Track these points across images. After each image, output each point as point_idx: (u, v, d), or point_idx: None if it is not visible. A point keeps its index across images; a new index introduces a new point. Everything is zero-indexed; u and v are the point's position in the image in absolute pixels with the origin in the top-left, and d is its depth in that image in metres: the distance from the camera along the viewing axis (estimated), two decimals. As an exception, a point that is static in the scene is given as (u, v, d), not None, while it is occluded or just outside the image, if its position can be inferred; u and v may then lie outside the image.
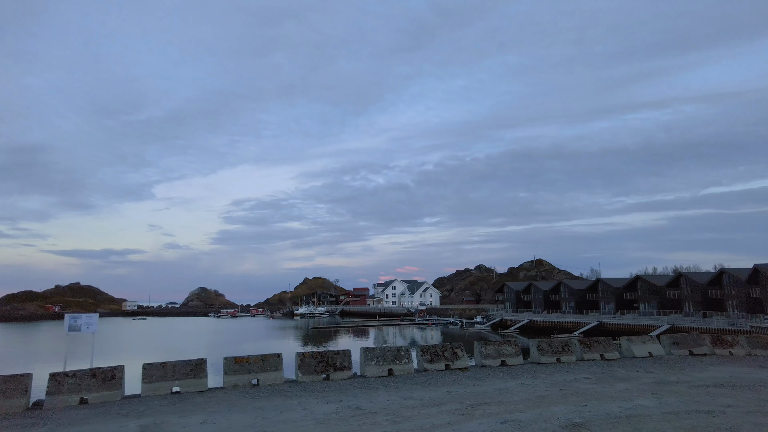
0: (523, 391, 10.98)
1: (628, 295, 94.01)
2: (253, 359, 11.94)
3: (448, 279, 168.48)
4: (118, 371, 10.78)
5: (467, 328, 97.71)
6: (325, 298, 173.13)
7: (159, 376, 10.99)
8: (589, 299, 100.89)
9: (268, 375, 11.86)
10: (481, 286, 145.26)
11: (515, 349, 14.88)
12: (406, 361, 13.33)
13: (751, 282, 70.49)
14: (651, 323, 73.85)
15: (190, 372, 11.25)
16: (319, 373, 12.31)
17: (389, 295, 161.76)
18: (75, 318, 12.76)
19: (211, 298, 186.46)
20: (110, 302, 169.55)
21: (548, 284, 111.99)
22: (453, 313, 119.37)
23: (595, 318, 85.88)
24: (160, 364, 11.17)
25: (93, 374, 10.55)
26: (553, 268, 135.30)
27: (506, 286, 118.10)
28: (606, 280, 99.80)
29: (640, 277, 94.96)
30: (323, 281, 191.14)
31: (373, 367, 12.92)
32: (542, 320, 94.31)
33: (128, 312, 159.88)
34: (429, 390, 11.11)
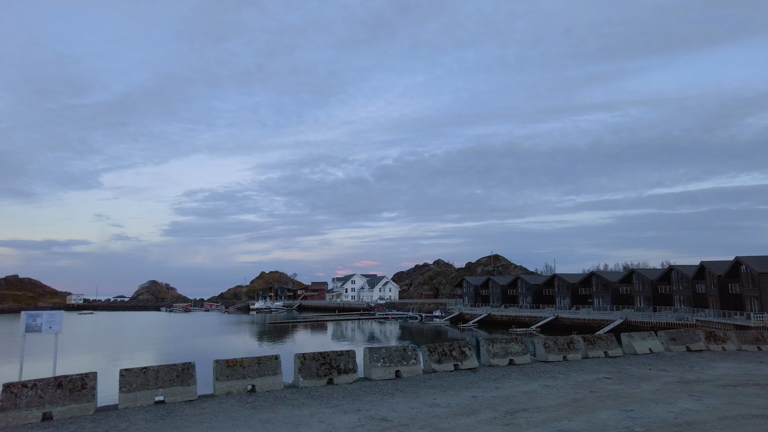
0: (552, 394, 10.08)
1: (583, 291, 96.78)
2: (247, 362, 10.45)
3: (407, 273, 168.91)
4: (89, 379, 9.05)
5: (426, 322, 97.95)
6: (283, 292, 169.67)
7: (139, 384, 9.33)
8: (546, 294, 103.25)
9: (265, 380, 10.41)
10: (439, 280, 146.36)
11: (522, 348, 14.05)
12: (414, 361, 12.20)
13: (697, 278, 73.79)
14: (605, 318, 76.15)
15: (176, 378, 9.64)
16: (322, 377, 10.98)
17: (348, 290, 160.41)
18: (34, 317, 10.73)
19: (162, 292, 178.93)
20: (53, 296, 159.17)
21: (506, 279, 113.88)
22: (412, 308, 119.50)
23: (552, 313, 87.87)
24: (140, 370, 9.50)
25: (58, 384, 8.77)
26: (510, 264, 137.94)
27: (465, 281, 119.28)
28: (562, 275, 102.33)
29: (594, 273, 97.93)
30: (280, 275, 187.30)
31: (380, 369, 11.71)
32: (500, 314, 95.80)
33: (73, 306, 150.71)
34: (451, 395, 10.02)
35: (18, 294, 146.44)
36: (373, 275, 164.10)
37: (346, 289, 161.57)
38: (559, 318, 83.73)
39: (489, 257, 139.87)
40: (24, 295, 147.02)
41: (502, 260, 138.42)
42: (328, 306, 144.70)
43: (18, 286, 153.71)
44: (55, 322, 10.92)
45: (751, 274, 60.57)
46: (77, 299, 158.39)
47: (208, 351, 49.86)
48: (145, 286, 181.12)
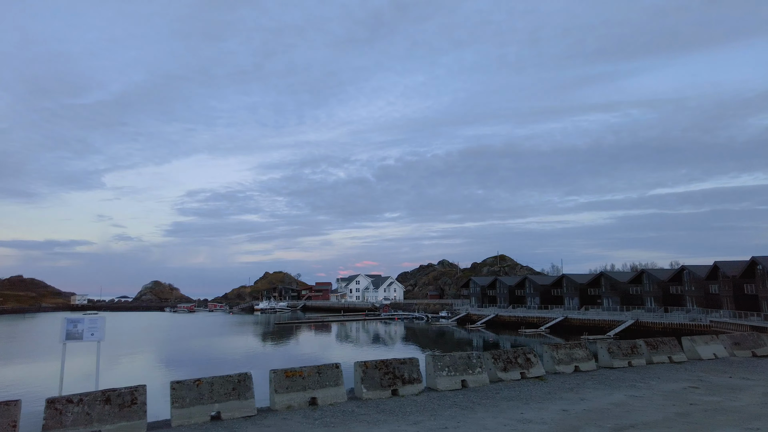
0: (647, 407, 9.05)
1: (592, 291, 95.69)
2: (307, 372, 9.43)
3: (411, 274, 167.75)
4: (139, 393, 8.03)
5: (433, 322, 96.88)
6: (287, 292, 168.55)
7: (193, 398, 8.30)
8: (554, 294, 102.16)
9: (327, 391, 9.39)
10: (444, 281, 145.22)
11: (587, 353, 13.01)
12: (479, 370, 11.18)
13: (709, 279, 72.71)
14: (615, 318, 75.15)
15: (231, 391, 8.62)
16: (386, 387, 9.95)
17: (353, 290, 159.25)
18: (74, 322, 9.63)
19: (165, 292, 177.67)
20: (56, 296, 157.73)
21: (513, 279, 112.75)
22: (418, 308, 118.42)
23: (561, 313, 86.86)
24: (193, 382, 8.46)
25: (106, 398, 7.76)
26: (516, 264, 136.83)
27: (471, 281, 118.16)
28: (570, 276, 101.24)
29: (603, 273, 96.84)
30: (284, 275, 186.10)
31: (445, 379, 10.68)
32: (508, 315, 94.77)
33: (77, 306, 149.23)
34: (537, 408, 8.98)
35: (20, 294, 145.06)
36: (378, 275, 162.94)
37: (350, 289, 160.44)
38: (568, 319, 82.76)
39: (495, 257, 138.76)
40: (26, 296, 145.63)
41: (508, 260, 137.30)
42: (332, 306, 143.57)
43: (21, 286, 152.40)
44: (97, 329, 9.86)
45: (767, 274, 59.54)
46: (81, 300, 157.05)
47: (229, 354, 48.81)
48: (148, 286, 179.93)
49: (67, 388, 15.33)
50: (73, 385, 28.71)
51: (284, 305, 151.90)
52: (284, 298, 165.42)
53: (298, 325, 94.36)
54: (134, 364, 42.14)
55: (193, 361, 44.00)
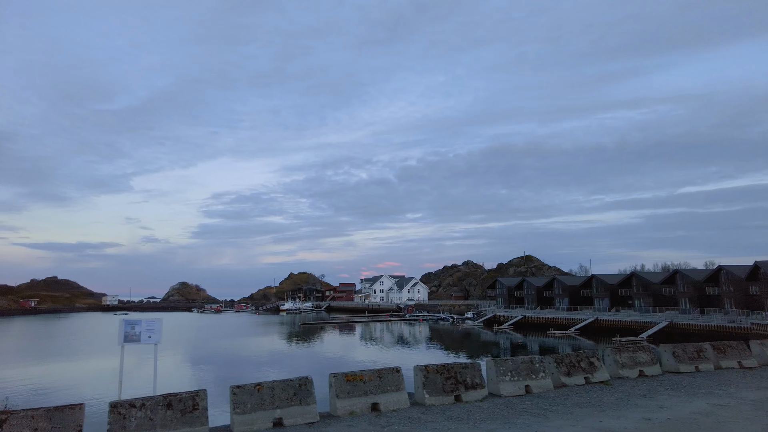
0: (739, 418, 8.36)
1: (623, 292, 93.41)
2: (367, 376, 9.02)
3: (435, 275, 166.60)
4: (200, 399, 7.72)
5: (459, 324, 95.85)
6: (311, 293, 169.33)
7: (254, 404, 7.96)
8: (583, 295, 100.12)
9: (389, 397, 8.96)
10: (469, 281, 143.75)
11: (651, 356, 12.28)
12: (543, 375, 10.59)
13: (750, 279, 70.07)
14: (648, 320, 73.16)
15: (293, 396, 8.25)
16: (448, 393, 9.47)
17: (377, 291, 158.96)
18: (132, 324, 9.39)
19: (192, 293, 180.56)
20: (88, 297, 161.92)
21: (541, 280, 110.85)
22: (442, 309, 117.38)
23: (590, 314, 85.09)
24: (254, 387, 8.12)
25: (168, 403, 7.48)
26: (543, 265, 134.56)
27: (498, 282, 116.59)
28: (599, 276, 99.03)
29: (634, 273, 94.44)
30: (308, 276, 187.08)
31: (508, 384, 10.12)
32: (536, 316, 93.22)
33: (108, 307, 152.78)
34: (614, 417, 8.37)
35: (55, 295, 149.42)
36: (402, 276, 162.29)
37: (374, 290, 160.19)
38: (598, 320, 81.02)
39: (521, 258, 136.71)
40: (60, 296, 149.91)
41: (535, 261, 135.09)
42: (356, 307, 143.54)
43: (56, 287, 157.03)
44: (154, 331, 9.62)
45: (813, 274, 56.99)
46: (112, 300, 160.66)
47: (263, 355, 48.94)
48: (175, 287, 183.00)
49: (111, 391, 15.33)
50: (120, 388, 29.03)
51: (309, 306, 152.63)
52: (309, 299, 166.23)
53: (323, 325, 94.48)
54: (174, 365, 42.54)
55: (228, 362, 44.19)
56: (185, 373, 37.24)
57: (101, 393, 26.88)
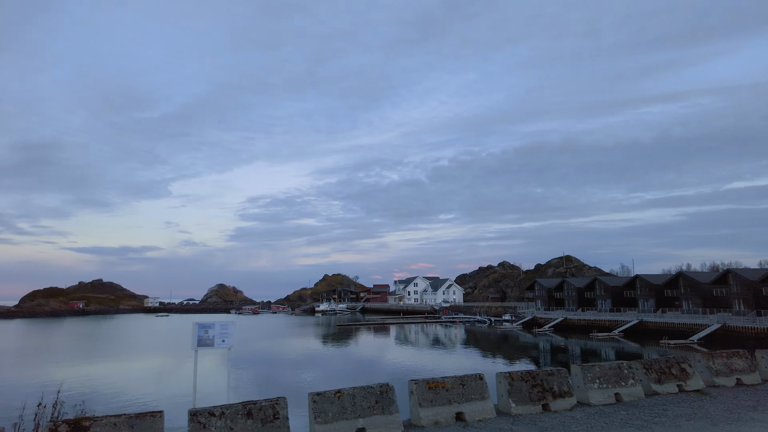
0: None
1: (669, 293, 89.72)
2: (450, 383, 8.42)
3: (470, 276, 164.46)
4: (280, 407, 7.30)
5: (497, 326, 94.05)
6: (345, 294, 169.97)
7: (336, 413, 7.48)
8: (626, 296, 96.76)
9: (473, 405, 8.34)
10: (506, 283, 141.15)
11: (748, 363, 11.22)
12: (632, 382, 9.76)
13: (814, 279, 66.03)
14: (697, 322, 70.04)
15: (375, 404, 7.74)
16: (535, 402, 8.77)
17: (411, 292, 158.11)
18: (206, 328, 9.05)
19: (229, 295, 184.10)
20: (131, 299, 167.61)
21: (582, 281, 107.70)
22: (478, 311, 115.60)
23: (635, 316, 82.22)
24: (334, 394, 7.64)
25: (247, 412, 7.07)
26: (583, 265, 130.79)
27: (537, 283, 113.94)
28: (644, 276, 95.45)
29: (682, 273, 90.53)
30: (342, 278, 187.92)
31: (597, 392, 9.33)
32: (577, 318, 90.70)
33: (150, 309, 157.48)
34: None
35: (101, 297, 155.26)
36: (436, 278, 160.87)
37: (408, 291, 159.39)
38: (643, 322, 78.17)
39: (560, 258, 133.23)
40: (106, 298, 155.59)
41: (575, 261, 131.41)
42: (391, 308, 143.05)
43: (101, 289, 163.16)
44: (227, 335, 9.26)
45: None
46: (153, 302, 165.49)
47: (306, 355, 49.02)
48: (213, 289, 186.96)
49: (170, 393, 14.91)
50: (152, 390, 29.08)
51: (344, 307, 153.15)
52: (343, 300, 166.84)
53: (359, 326, 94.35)
54: (222, 367, 42.97)
55: (276, 363, 44.29)
56: (237, 376, 37.39)
57: (162, 395, 27.15)
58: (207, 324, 9.13)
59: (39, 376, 34.42)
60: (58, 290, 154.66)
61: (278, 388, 29.27)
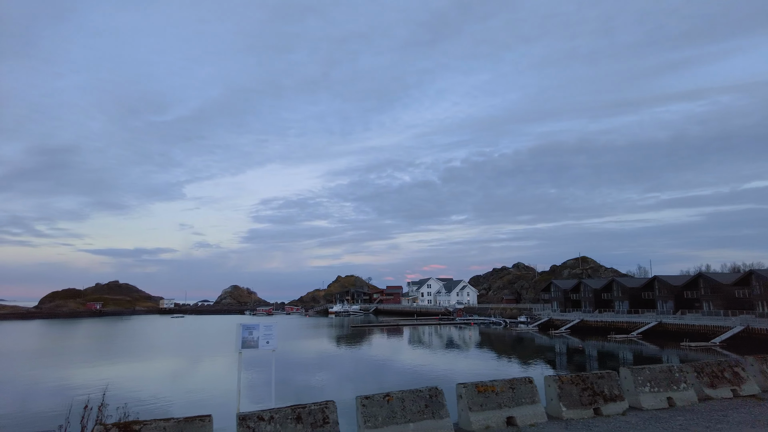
0: None
1: (689, 294, 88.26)
2: (499, 386, 8.13)
3: (484, 277, 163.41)
4: (329, 411, 7.07)
5: (512, 328, 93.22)
6: (359, 296, 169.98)
7: (386, 417, 7.24)
8: (644, 298, 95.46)
9: (524, 410, 8.04)
10: (521, 284, 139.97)
11: (801, 368, 10.68)
12: (685, 386, 9.38)
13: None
14: (719, 324, 68.62)
15: (425, 408, 7.48)
16: (586, 406, 8.44)
17: (424, 294, 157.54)
18: (250, 329, 8.86)
19: (243, 296, 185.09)
20: (146, 300, 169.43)
21: (599, 282, 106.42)
22: (493, 312, 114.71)
23: (653, 318, 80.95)
24: (383, 398, 7.39)
25: (297, 416, 6.86)
26: (599, 266, 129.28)
27: (553, 284, 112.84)
28: (662, 277, 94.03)
29: (702, 274, 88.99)
30: (355, 279, 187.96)
31: (649, 396, 8.98)
32: (594, 320, 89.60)
33: (165, 310, 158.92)
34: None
35: (117, 298, 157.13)
36: (449, 279, 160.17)
37: (422, 293, 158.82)
38: (662, 324, 76.96)
39: (576, 259, 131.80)
40: (122, 300, 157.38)
41: (591, 262, 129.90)
42: (404, 310, 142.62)
43: (118, 291, 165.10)
44: (272, 336, 9.06)
45: None
46: (169, 303, 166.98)
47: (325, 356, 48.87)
48: (227, 290, 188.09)
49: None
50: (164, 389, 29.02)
51: (357, 308, 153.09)
52: (356, 302, 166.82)
53: (373, 328, 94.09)
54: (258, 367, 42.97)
55: (298, 364, 44.22)
56: (261, 378, 37.33)
57: (198, 397, 27.10)
58: (251, 325, 8.91)
59: (74, 378, 34.46)
60: (75, 291, 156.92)
61: (302, 390, 29.12)
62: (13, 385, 32.05)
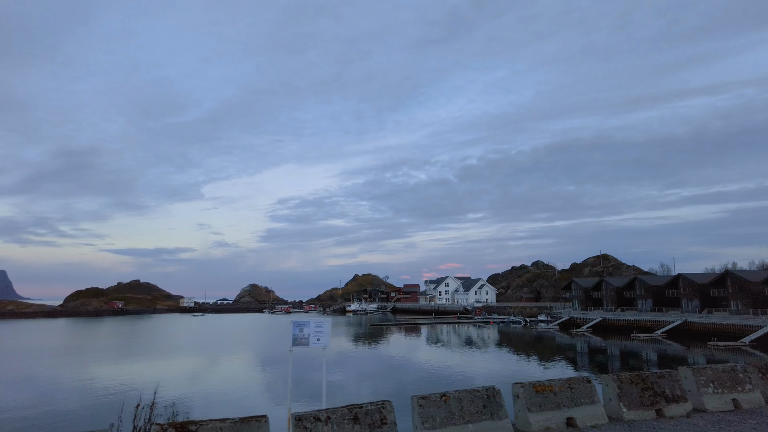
0: None
1: (715, 292, 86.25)
2: (557, 386, 7.78)
3: (503, 276, 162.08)
4: (386, 411, 6.80)
5: (532, 327, 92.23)
6: (376, 294, 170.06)
7: (444, 418, 6.96)
8: (668, 296, 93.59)
9: (584, 410, 7.70)
10: (540, 282, 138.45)
11: None
12: (749, 387, 8.94)
13: None
14: (748, 323, 66.84)
15: (483, 409, 7.18)
16: (648, 407, 8.07)
17: (442, 292, 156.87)
18: (301, 326, 8.68)
19: (261, 295, 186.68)
20: (167, 299, 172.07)
21: (621, 280, 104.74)
22: (512, 311, 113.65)
23: (678, 316, 79.29)
24: (440, 398, 7.11)
25: (354, 417, 6.62)
26: (621, 264, 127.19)
27: (573, 283, 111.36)
28: (687, 275, 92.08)
29: (729, 272, 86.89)
30: (372, 278, 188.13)
31: (713, 397, 8.55)
32: (616, 319, 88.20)
33: (185, 308, 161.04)
34: None
35: (139, 297, 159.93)
36: (467, 278, 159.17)
37: (439, 291, 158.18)
38: (688, 322, 75.39)
39: (596, 257, 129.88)
40: (144, 298, 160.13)
41: (612, 260, 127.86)
42: (422, 308, 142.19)
43: (139, 290, 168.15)
44: (322, 334, 8.86)
45: None
46: (188, 302, 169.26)
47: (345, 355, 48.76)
48: (246, 289, 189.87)
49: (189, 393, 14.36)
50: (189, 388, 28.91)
51: (374, 307, 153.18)
52: (374, 300, 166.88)
53: (391, 326, 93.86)
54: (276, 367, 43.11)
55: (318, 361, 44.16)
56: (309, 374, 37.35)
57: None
58: (302, 322, 8.71)
59: (117, 377, 34.64)
60: (98, 290, 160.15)
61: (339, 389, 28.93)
62: (57, 383, 32.34)
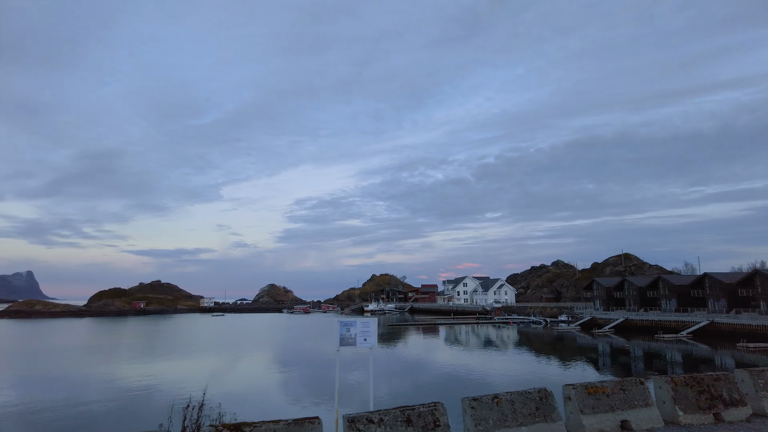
0: None
1: (744, 292, 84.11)
2: (610, 388, 7.53)
3: (522, 276, 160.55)
4: (439, 413, 6.65)
5: (553, 327, 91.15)
6: (393, 294, 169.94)
7: (497, 420, 6.78)
8: (694, 296, 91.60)
9: (638, 413, 7.46)
10: (561, 282, 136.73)
11: None
12: (811, 391, 8.43)
13: None
14: (779, 324, 64.88)
15: (536, 411, 6.99)
16: (705, 410, 7.77)
17: (460, 293, 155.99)
18: (348, 326, 8.62)
19: (280, 295, 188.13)
20: (187, 299, 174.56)
21: (644, 280, 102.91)
22: (532, 312, 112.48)
23: (704, 317, 77.56)
24: (492, 400, 6.92)
25: (407, 419, 6.47)
26: (643, 263, 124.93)
27: (595, 283, 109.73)
28: (713, 275, 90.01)
29: (758, 271, 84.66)
30: (390, 278, 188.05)
31: (772, 402, 8.12)
32: (639, 319, 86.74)
33: (205, 308, 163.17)
34: None
35: (160, 297, 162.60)
36: (486, 278, 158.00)
37: (457, 291, 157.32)
38: (714, 323, 73.81)
39: (618, 256, 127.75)
40: (165, 298, 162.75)
41: (634, 259, 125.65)
42: (440, 309, 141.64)
43: (160, 290, 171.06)
44: (369, 333, 8.76)
45: None
46: (209, 302, 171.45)
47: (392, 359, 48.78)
48: (264, 289, 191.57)
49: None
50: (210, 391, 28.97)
51: (392, 307, 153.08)
52: (391, 300, 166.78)
53: (409, 327, 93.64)
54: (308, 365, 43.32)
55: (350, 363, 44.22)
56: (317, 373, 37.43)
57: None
58: (349, 322, 8.64)
59: (158, 376, 34.94)
60: (121, 291, 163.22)
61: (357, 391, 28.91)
62: (99, 383, 32.58)
